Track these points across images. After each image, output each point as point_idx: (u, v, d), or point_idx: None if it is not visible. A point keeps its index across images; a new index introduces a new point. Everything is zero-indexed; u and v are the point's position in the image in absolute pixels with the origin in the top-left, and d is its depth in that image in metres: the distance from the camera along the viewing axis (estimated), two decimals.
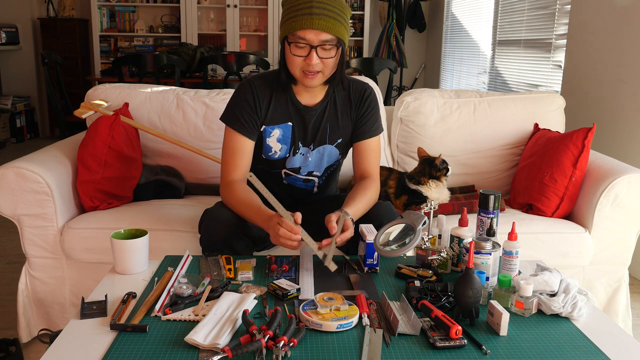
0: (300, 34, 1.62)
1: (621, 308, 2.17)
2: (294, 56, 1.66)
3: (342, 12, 1.66)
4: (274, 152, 1.84)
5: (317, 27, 1.60)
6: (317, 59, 1.64)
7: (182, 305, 1.33)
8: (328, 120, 1.83)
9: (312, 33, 1.61)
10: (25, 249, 2.06)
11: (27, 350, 2.07)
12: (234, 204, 1.73)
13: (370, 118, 1.86)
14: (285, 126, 1.82)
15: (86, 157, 2.11)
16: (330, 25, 1.61)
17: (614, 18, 3.05)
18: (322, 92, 1.82)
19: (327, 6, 1.62)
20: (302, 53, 1.64)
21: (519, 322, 1.31)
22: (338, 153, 1.89)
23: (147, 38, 6.21)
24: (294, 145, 1.84)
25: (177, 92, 2.53)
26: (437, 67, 6.16)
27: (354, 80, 1.88)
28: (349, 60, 4.35)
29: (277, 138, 1.82)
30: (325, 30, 1.61)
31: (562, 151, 2.17)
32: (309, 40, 1.62)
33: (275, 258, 1.62)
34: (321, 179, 1.92)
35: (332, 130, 1.84)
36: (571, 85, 3.44)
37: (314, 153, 1.86)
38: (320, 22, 1.60)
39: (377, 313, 1.33)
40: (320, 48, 1.63)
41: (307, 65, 1.65)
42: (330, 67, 1.69)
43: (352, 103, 1.84)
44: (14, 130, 6.06)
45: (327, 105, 1.83)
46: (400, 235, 1.58)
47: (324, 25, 1.60)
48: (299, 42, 1.63)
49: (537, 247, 2.04)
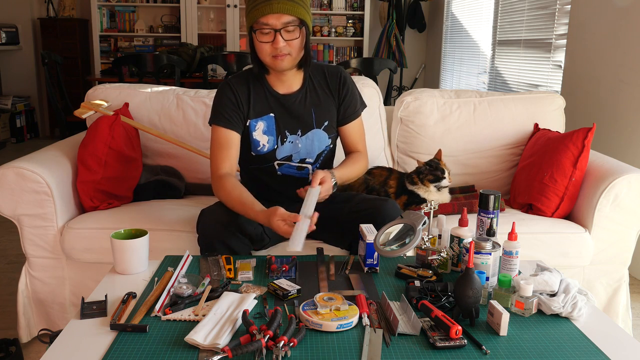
0: (263, 20, 1.70)
1: (621, 308, 2.17)
2: (261, 43, 1.74)
3: None
4: (262, 145, 1.87)
5: (277, 11, 1.68)
6: (283, 42, 1.72)
7: (182, 305, 1.33)
8: (312, 105, 1.89)
9: (274, 17, 1.69)
10: (25, 249, 2.06)
11: (27, 350, 2.07)
12: (225, 198, 1.76)
13: (352, 100, 1.94)
14: (267, 118, 1.87)
15: (86, 157, 2.11)
16: (289, 7, 1.69)
17: (614, 18, 3.05)
18: (299, 80, 1.89)
19: None
20: (267, 39, 1.73)
21: (519, 322, 1.31)
22: (327, 137, 1.92)
23: (147, 38, 6.21)
24: (280, 135, 1.88)
25: (177, 92, 2.53)
26: (437, 67, 6.16)
27: (326, 65, 1.97)
28: (348, 61, 4.35)
29: (263, 130, 1.87)
30: (285, 12, 1.69)
31: (562, 151, 2.17)
32: (272, 25, 1.70)
33: (275, 258, 1.62)
34: (315, 166, 1.94)
35: (317, 114, 1.89)
36: (571, 85, 3.44)
37: (303, 139, 1.89)
38: (279, 6, 1.68)
39: (377, 313, 1.33)
40: (283, 30, 1.71)
41: (274, 50, 1.73)
42: (296, 48, 1.76)
43: (332, 87, 1.92)
44: (14, 130, 6.06)
45: (307, 91, 1.89)
46: (400, 235, 1.58)
47: (283, 8, 1.68)
48: (263, 29, 1.71)
49: (537, 247, 2.04)
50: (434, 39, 6.32)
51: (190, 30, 6.05)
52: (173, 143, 2.43)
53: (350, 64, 4.33)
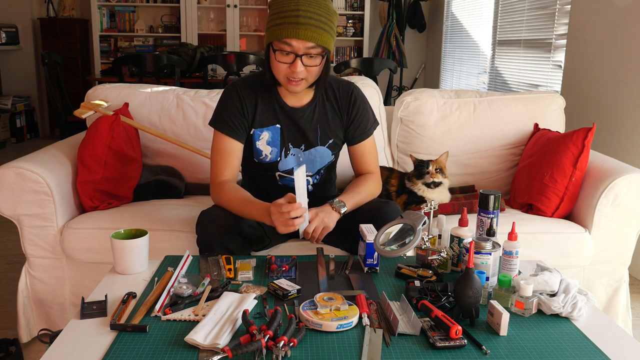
0: (286, 41, 1.60)
1: (621, 308, 2.17)
2: (278, 62, 1.65)
3: (329, 20, 1.63)
4: (265, 155, 1.83)
5: (304, 37, 1.58)
6: (301, 67, 1.63)
7: (182, 305, 1.33)
8: (318, 122, 1.83)
9: (298, 42, 1.60)
10: (25, 249, 2.06)
11: (27, 350, 2.07)
12: (226, 203, 1.73)
13: (362, 120, 1.85)
14: (273, 128, 1.81)
15: (86, 157, 2.11)
16: (317, 35, 1.59)
17: (613, 18, 3.05)
18: (310, 94, 1.82)
19: (315, 15, 1.59)
20: (287, 60, 1.63)
21: (519, 322, 1.31)
22: (330, 154, 1.88)
23: (147, 38, 6.21)
24: (284, 147, 1.83)
25: (177, 92, 2.53)
26: (437, 67, 6.16)
27: (338, 80, 1.87)
28: (349, 61, 4.36)
29: (267, 141, 1.82)
30: (312, 40, 1.59)
31: (562, 151, 2.17)
32: (295, 49, 1.61)
33: (275, 258, 1.62)
34: (315, 178, 1.91)
35: (322, 132, 1.84)
36: (571, 85, 3.44)
37: (306, 154, 1.85)
38: (306, 32, 1.58)
39: (377, 313, 1.33)
40: (305, 56, 1.62)
41: (291, 73, 1.64)
42: (314, 74, 1.68)
43: (341, 105, 1.84)
44: (14, 130, 6.06)
45: (315, 106, 1.82)
46: (400, 235, 1.58)
47: (310, 36, 1.58)
48: (284, 49, 1.62)
49: (537, 247, 2.04)
50: (434, 39, 6.32)
51: (190, 30, 6.05)
52: (173, 143, 2.43)
53: (350, 64, 4.33)
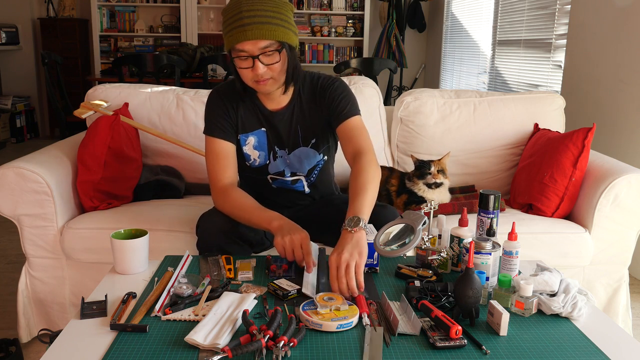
0: (239, 47, 1.57)
1: (621, 308, 2.17)
2: (241, 69, 1.63)
3: (278, 12, 1.59)
4: (253, 159, 1.83)
5: (252, 37, 1.55)
6: (263, 68, 1.59)
7: (182, 305, 1.33)
8: (298, 123, 1.80)
9: (249, 44, 1.56)
10: (25, 249, 2.06)
11: (27, 350, 2.07)
12: (231, 211, 1.69)
13: (340, 101, 1.76)
14: (259, 132, 1.80)
15: (86, 157, 2.11)
16: (265, 32, 1.55)
17: (613, 18, 3.05)
18: (288, 95, 1.79)
19: (258, 12, 1.55)
20: (247, 65, 1.60)
21: (519, 322, 1.31)
22: (317, 153, 1.85)
23: (147, 38, 6.21)
24: (272, 151, 1.82)
25: (177, 92, 2.53)
26: (437, 67, 6.16)
27: (323, 77, 1.82)
28: (348, 61, 4.36)
29: (253, 145, 1.81)
30: (261, 38, 1.55)
31: (562, 151, 2.17)
32: (249, 52, 1.57)
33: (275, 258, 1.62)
34: (309, 179, 1.89)
35: (304, 132, 1.81)
36: (571, 85, 3.44)
37: (291, 156, 1.84)
38: (253, 32, 1.54)
39: (377, 313, 1.33)
40: (262, 56, 1.58)
41: (255, 75, 1.62)
42: (278, 71, 1.63)
43: (317, 98, 1.79)
44: (14, 130, 6.06)
45: (294, 108, 1.79)
46: (400, 235, 1.58)
47: (258, 34, 1.55)
48: (241, 55, 1.59)
49: (537, 247, 2.04)
50: (434, 39, 6.32)
51: (190, 30, 6.05)
52: (173, 143, 2.43)
53: (350, 64, 4.33)
